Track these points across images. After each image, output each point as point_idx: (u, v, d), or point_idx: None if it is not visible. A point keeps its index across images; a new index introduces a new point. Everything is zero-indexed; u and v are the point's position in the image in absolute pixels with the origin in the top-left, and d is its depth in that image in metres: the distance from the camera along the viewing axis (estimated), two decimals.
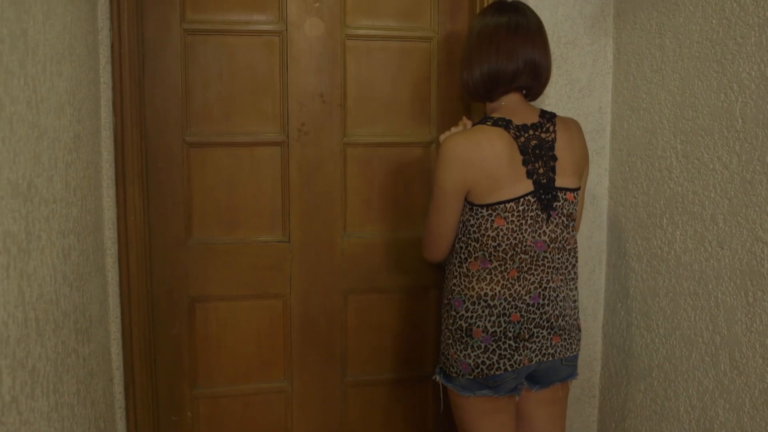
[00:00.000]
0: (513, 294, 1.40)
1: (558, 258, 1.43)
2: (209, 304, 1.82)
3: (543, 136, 1.41)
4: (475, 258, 1.40)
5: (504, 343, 1.39)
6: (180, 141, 1.74)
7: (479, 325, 1.39)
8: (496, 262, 1.39)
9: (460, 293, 1.42)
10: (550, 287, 1.43)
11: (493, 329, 1.39)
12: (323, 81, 1.79)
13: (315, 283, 1.86)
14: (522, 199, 1.36)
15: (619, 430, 1.84)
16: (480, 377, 1.39)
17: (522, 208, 1.37)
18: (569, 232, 1.44)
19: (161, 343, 1.79)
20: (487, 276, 1.40)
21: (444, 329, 1.47)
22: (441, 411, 1.80)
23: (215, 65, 1.74)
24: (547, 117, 1.44)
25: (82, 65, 1.38)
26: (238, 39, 1.74)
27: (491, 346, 1.39)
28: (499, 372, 1.39)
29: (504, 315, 1.39)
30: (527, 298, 1.40)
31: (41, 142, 1.08)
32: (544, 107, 1.80)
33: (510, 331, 1.39)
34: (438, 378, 1.50)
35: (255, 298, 1.84)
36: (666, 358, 1.61)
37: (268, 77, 1.77)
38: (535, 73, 1.41)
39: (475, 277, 1.40)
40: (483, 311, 1.39)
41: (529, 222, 1.38)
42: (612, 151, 1.86)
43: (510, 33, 1.38)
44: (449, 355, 1.44)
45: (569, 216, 1.42)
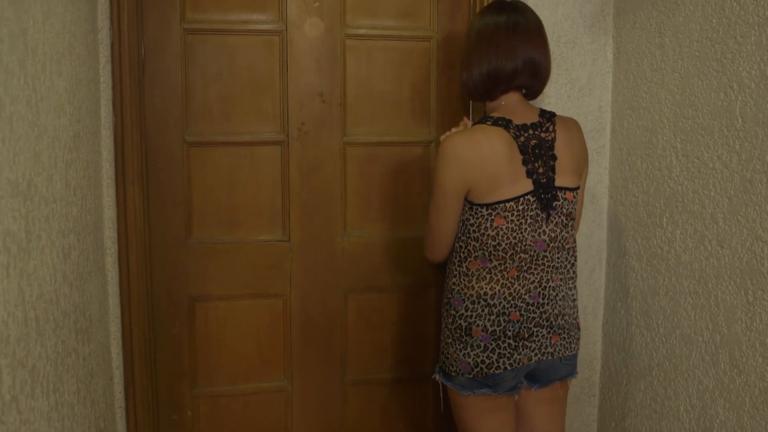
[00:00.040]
0: (512, 293, 1.40)
1: (557, 257, 1.43)
2: (209, 303, 1.82)
3: (543, 135, 1.41)
4: (475, 257, 1.40)
5: (503, 342, 1.39)
6: (180, 140, 1.74)
7: (479, 324, 1.39)
8: (495, 261, 1.39)
9: (459, 292, 1.42)
10: (549, 286, 1.43)
11: (493, 328, 1.39)
12: (323, 80, 1.79)
13: (315, 283, 1.86)
14: (522, 199, 1.36)
15: (619, 429, 1.84)
16: (479, 376, 1.39)
17: (522, 207, 1.37)
18: (568, 231, 1.44)
19: (161, 343, 1.79)
20: (487, 275, 1.40)
21: (444, 328, 1.47)
22: (441, 410, 1.80)
23: (215, 65, 1.74)
24: (547, 116, 1.44)
25: (81, 65, 1.38)
26: (238, 38, 1.74)
27: (491, 345, 1.39)
28: (499, 371, 1.39)
29: (503, 314, 1.39)
30: (527, 297, 1.40)
31: (41, 141, 1.08)
32: (544, 106, 1.80)
33: (509, 330, 1.39)
34: (438, 377, 1.50)
35: (255, 297, 1.84)
36: (666, 356, 1.61)
37: (268, 77, 1.77)
38: (535, 72, 1.41)
39: (475, 277, 1.40)
40: (483, 310, 1.39)
41: (529, 221, 1.38)
42: (612, 150, 1.86)
43: (509, 32, 1.38)
44: (449, 354, 1.44)
45: (569, 215, 1.43)
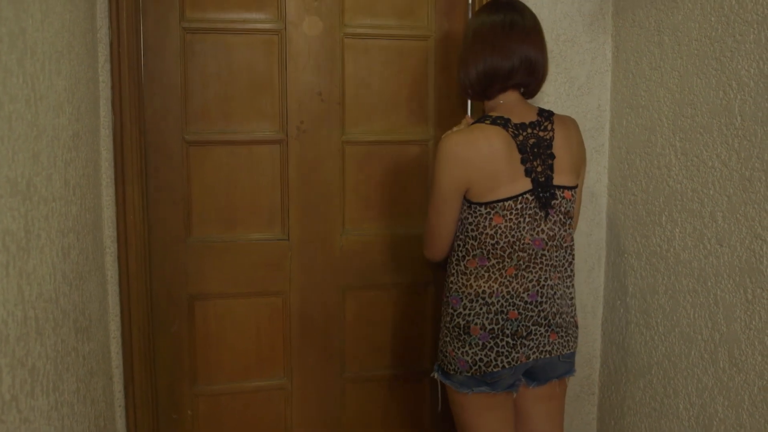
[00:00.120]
0: (510, 291, 1.40)
1: (555, 256, 1.43)
2: (209, 302, 1.82)
3: (541, 134, 1.41)
4: (473, 256, 1.40)
5: (502, 341, 1.39)
6: (179, 139, 1.74)
7: (477, 323, 1.39)
8: (494, 259, 1.39)
9: (457, 291, 1.43)
10: (547, 285, 1.43)
11: (491, 326, 1.39)
12: (322, 79, 1.79)
13: (314, 281, 1.86)
14: (520, 198, 1.37)
15: (619, 427, 1.84)
16: (478, 374, 1.40)
17: (520, 206, 1.37)
18: (566, 230, 1.44)
19: (161, 342, 1.79)
20: (485, 273, 1.40)
21: (442, 327, 1.47)
22: (439, 408, 1.80)
23: (214, 64, 1.74)
24: (545, 115, 1.44)
25: (80, 64, 1.38)
26: (237, 37, 1.74)
27: (489, 343, 1.39)
28: (497, 369, 1.39)
29: (502, 312, 1.39)
30: (525, 295, 1.41)
31: (40, 140, 1.08)
32: (543, 105, 1.80)
33: (508, 329, 1.40)
34: (436, 375, 1.50)
35: (254, 295, 1.84)
36: (665, 355, 1.61)
37: (266, 75, 1.77)
38: (531, 71, 1.41)
39: (473, 275, 1.41)
40: (481, 309, 1.40)
41: (527, 220, 1.38)
42: (611, 149, 1.86)
43: (505, 31, 1.38)
44: (447, 353, 1.44)
45: (567, 214, 1.43)
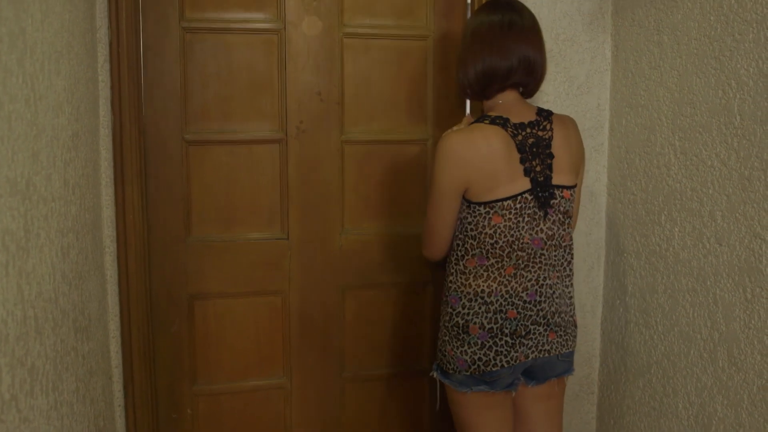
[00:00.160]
0: (509, 291, 1.40)
1: (554, 255, 1.43)
2: (208, 301, 1.82)
3: (540, 134, 1.41)
4: (472, 255, 1.40)
5: (500, 340, 1.39)
6: (179, 139, 1.74)
7: (476, 322, 1.39)
8: (493, 259, 1.39)
9: (456, 290, 1.43)
10: (546, 284, 1.43)
11: (490, 326, 1.39)
12: (321, 79, 1.79)
13: (313, 280, 1.86)
14: (519, 197, 1.37)
15: (618, 426, 1.84)
16: (477, 373, 1.40)
17: (519, 205, 1.37)
18: (565, 229, 1.44)
19: (160, 341, 1.79)
20: (484, 273, 1.40)
21: (441, 326, 1.47)
22: (438, 407, 1.81)
23: (214, 63, 1.74)
24: (544, 115, 1.44)
25: (80, 63, 1.38)
26: (236, 37, 1.74)
27: (488, 342, 1.39)
28: (496, 368, 1.39)
29: (500, 312, 1.39)
30: (524, 295, 1.41)
31: (40, 140, 1.08)
32: (542, 104, 1.80)
33: (506, 328, 1.40)
34: (435, 374, 1.50)
35: (254, 295, 1.84)
36: (664, 354, 1.61)
37: (266, 75, 1.77)
38: (530, 70, 1.41)
39: (472, 275, 1.41)
40: (480, 308, 1.40)
41: (527, 219, 1.38)
42: (610, 148, 1.86)
43: (504, 30, 1.38)
44: (446, 352, 1.44)
45: (566, 213, 1.43)
